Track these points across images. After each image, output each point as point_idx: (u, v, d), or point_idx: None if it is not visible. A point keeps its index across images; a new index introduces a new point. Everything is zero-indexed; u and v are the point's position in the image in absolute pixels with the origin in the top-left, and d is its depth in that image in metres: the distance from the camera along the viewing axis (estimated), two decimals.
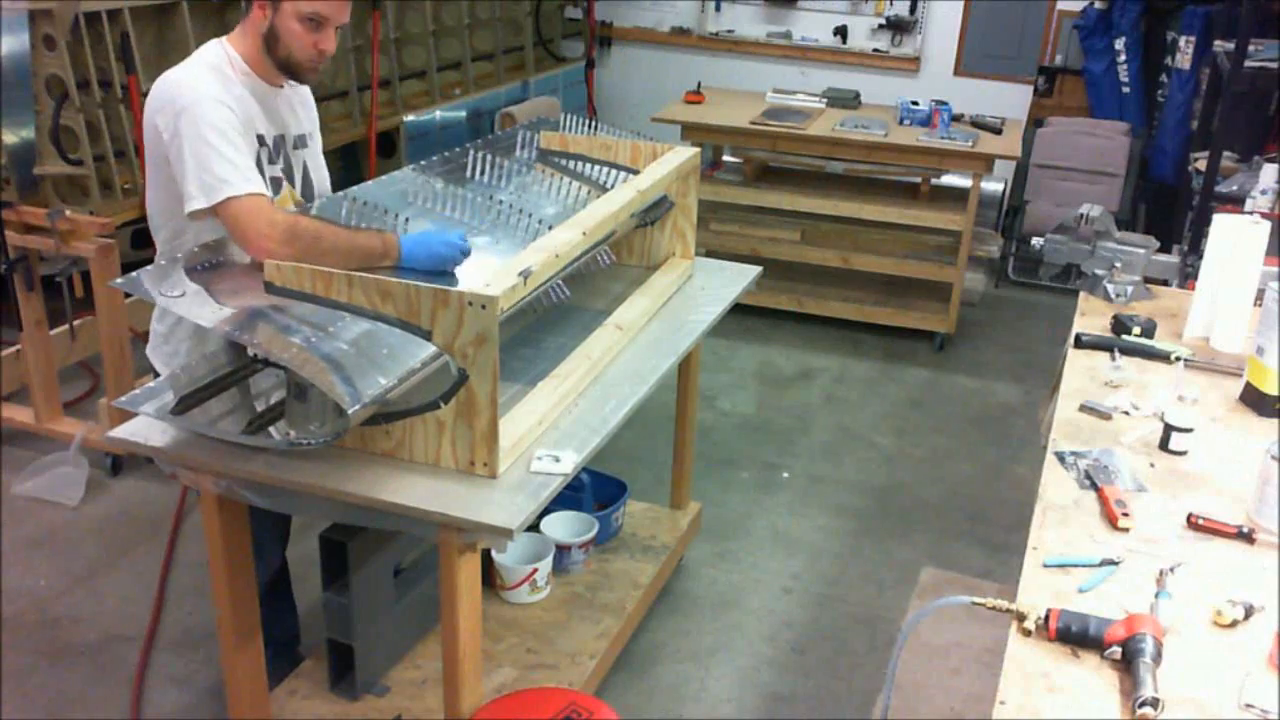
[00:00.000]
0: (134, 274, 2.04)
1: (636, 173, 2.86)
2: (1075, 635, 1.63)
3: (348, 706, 2.59)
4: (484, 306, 1.91)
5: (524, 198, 2.71)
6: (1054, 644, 1.65)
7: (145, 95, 3.64)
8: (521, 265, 2.11)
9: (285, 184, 2.42)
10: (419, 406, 2.02)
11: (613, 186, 2.87)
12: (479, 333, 1.92)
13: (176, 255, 2.20)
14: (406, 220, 2.40)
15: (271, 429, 2.09)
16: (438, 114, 5.45)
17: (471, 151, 2.77)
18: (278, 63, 2.31)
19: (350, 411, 1.88)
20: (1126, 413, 2.34)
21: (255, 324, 2.01)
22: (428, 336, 1.96)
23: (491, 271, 2.11)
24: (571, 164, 2.95)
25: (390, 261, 2.26)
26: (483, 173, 2.74)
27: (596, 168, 2.93)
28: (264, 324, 2.02)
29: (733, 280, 3.04)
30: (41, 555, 3.42)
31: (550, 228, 2.43)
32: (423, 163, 2.73)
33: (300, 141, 2.48)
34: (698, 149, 3.02)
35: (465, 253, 2.29)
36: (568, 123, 3.05)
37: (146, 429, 2.14)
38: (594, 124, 3.08)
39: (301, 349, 1.96)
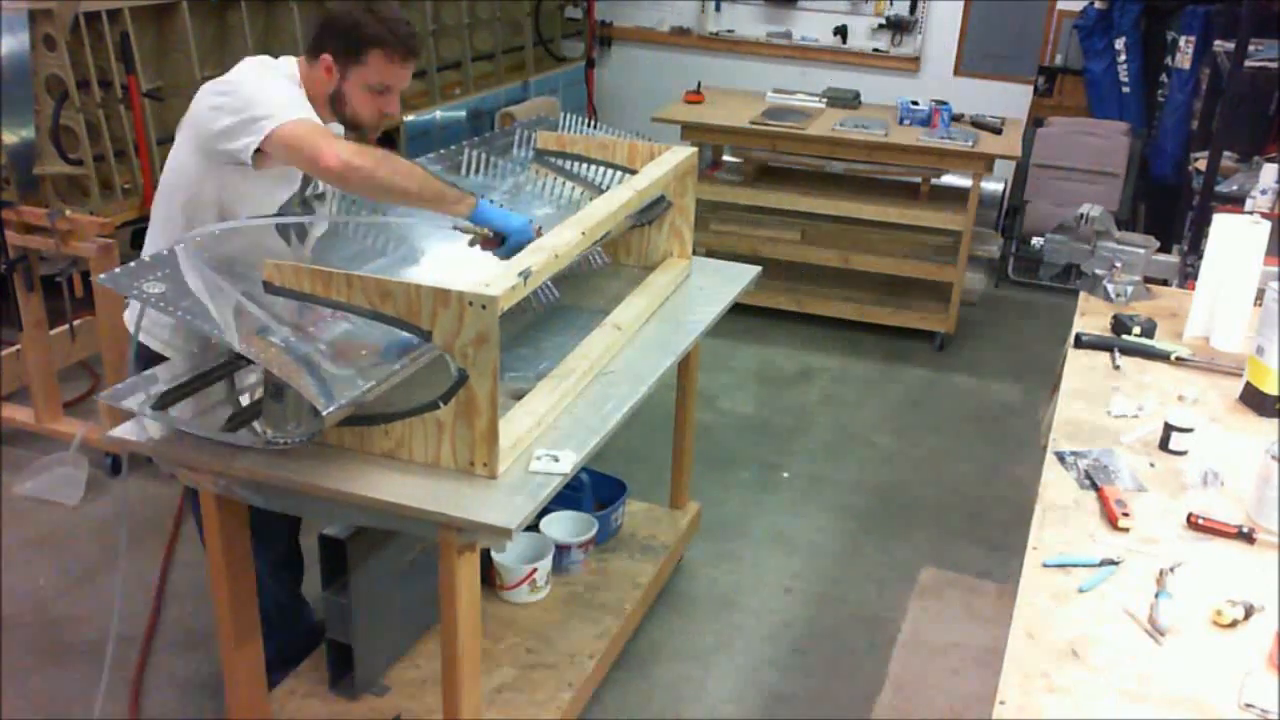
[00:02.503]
0: (115, 270, 2.03)
1: (634, 172, 2.86)
2: None
3: (347, 706, 2.59)
4: (484, 306, 1.91)
5: (517, 198, 2.71)
6: (1054, 643, 1.65)
7: (145, 95, 3.64)
8: (521, 265, 2.11)
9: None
10: (418, 407, 2.02)
11: (609, 187, 2.87)
12: (479, 333, 1.92)
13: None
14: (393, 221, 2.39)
15: (251, 426, 2.09)
16: (438, 114, 5.45)
17: (467, 150, 2.76)
18: (341, 119, 2.37)
19: (325, 414, 1.87)
20: (1123, 414, 2.34)
21: (236, 322, 2.01)
22: (428, 336, 1.96)
23: (491, 271, 2.11)
24: (567, 164, 2.95)
25: (465, 209, 2.26)
26: (477, 171, 2.73)
27: (592, 168, 2.93)
28: (244, 322, 2.02)
29: (732, 280, 3.04)
30: (41, 555, 3.42)
31: (539, 228, 2.43)
32: (419, 160, 2.71)
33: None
34: (695, 148, 3.01)
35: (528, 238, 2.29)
36: (566, 122, 3.05)
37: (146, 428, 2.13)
38: (593, 123, 3.08)
39: (279, 349, 1.96)
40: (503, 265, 2.16)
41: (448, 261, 2.39)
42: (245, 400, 2.23)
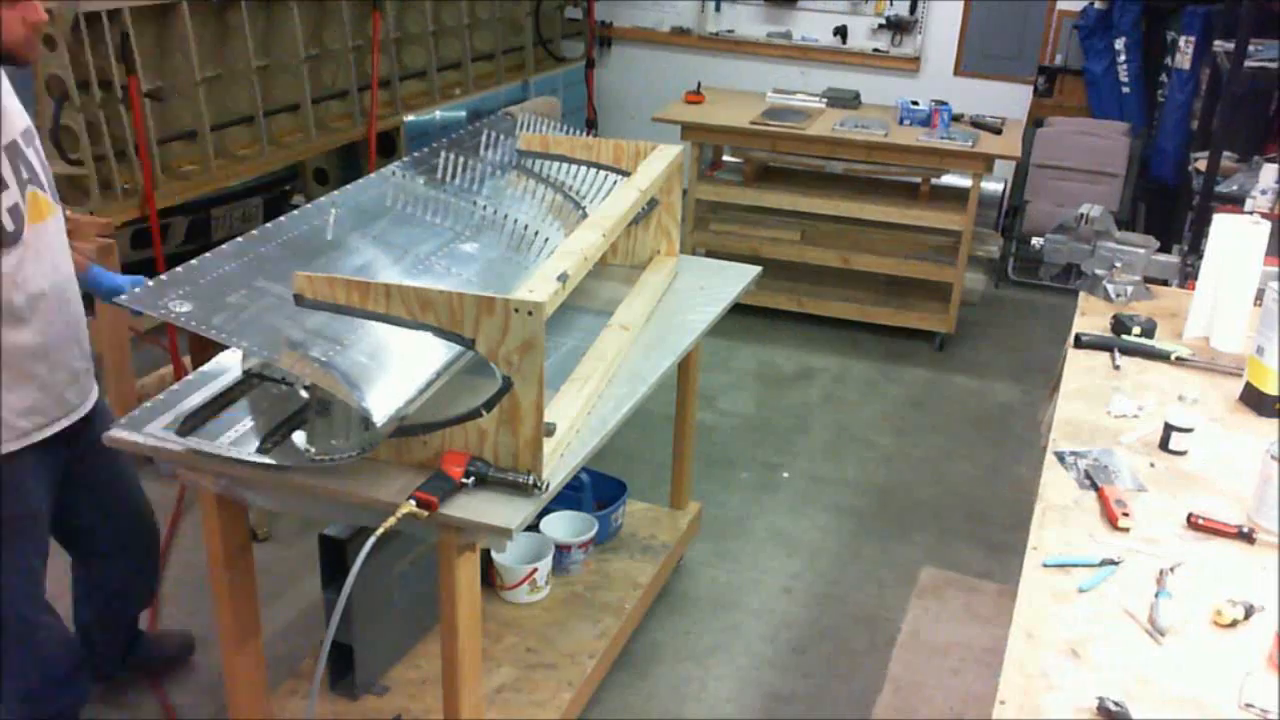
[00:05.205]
0: (138, 290, 2.02)
1: (622, 172, 2.86)
2: None
3: (347, 706, 2.59)
4: (530, 313, 1.89)
5: (500, 203, 2.69)
6: (1054, 643, 1.65)
7: (145, 95, 3.63)
8: (558, 269, 2.10)
9: (36, 190, 2.19)
10: (460, 415, 2.01)
11: (586, 191, 2.87)
12: (525, 339, 1.91)
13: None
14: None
15: (280, 449, 2.07)
16: (438, 114, 5.45)
17: (442, 153, 2.74)
18: None
19: (380, 425, 1.87)
20: (1123, 414, 2.34)
21: (276, 343, 2.00)
22: (470, 344, 1.95)
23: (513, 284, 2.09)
24: (537, 165, 2.93)
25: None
26: (453, 177, 2.70)
27: (570, 172, 2.92)
28: (283, 343, 2.00)
29: (732, 280, 3.04)
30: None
31: (536, 233, 2.43)
32: (395, 165, 2.70)
33: (30, 136, 2.22)
34: (681, 147, 3.01)
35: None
36: (530, 124, 3.02)
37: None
38: (557, 125, 3.04)
39: (325, 366, 1.94)
40: (538, 270, 2.14)
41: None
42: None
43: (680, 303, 2.87)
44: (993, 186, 5.77)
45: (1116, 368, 2.56)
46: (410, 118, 5.28)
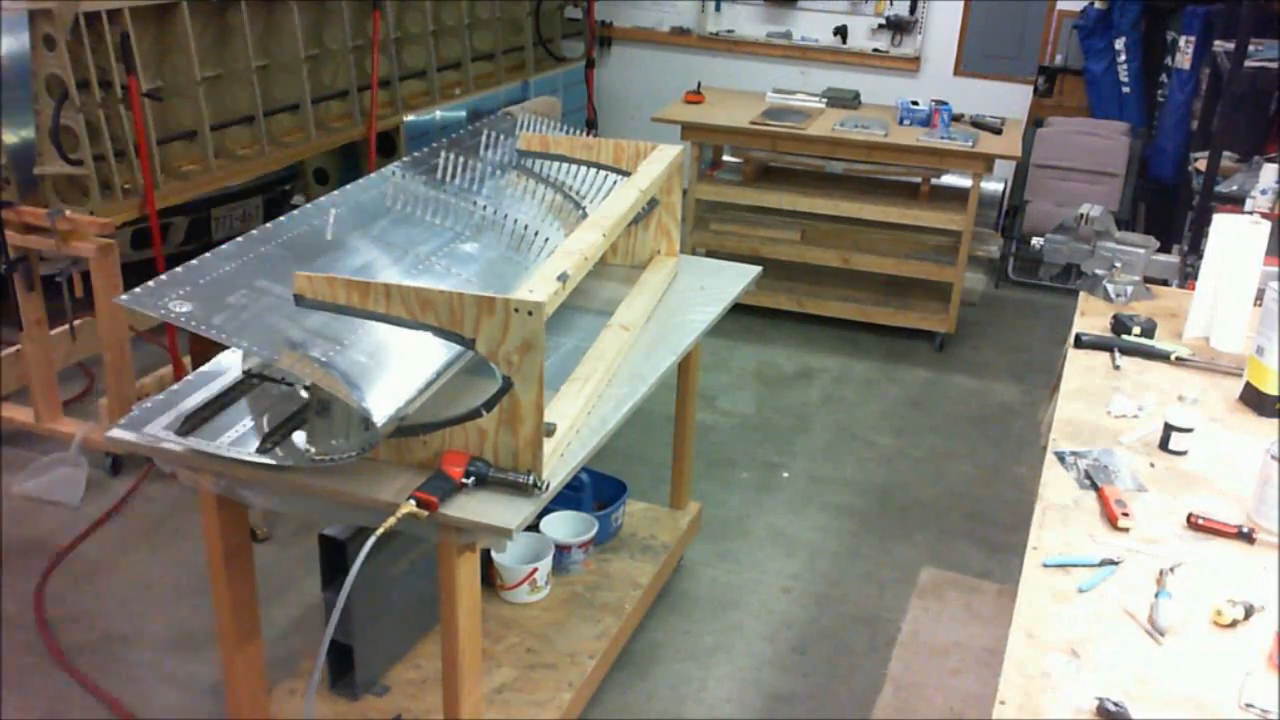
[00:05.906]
0: (138, 290, 2.03)
1: (622, 172, 2.85)
2: None
3: (347, 706, 2.59)
4: (530, 313, 1.89)
5: (500, 203, 2.69)
6: (1054, 643, 1.65)
7: (145, 95, 3.64)
8: (558, 269, 2.10)
9: None
10: (460, 415, 2.01)
11: (586, 191, 2.87)
12: (525, 339, 1.91)
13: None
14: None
15: (280, 449, 2.07)
16: (438, 114, 5.45)
17: (442, 153, 2.74)
18: None
19: (380, 425, 1.87)
20: (1123, 414, 2.34)
21: (276, 343, 1.99)
22: (471, 344, 1.95)
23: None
24: (537, 165, 2.93)
25: None
26: (453, 177, 2.70)
27: (570, 172, 2.91)
28: (283, 343, 2.00)
29: (732, 280, 3.04)
30: (41, 555, 3.42)
31: (536, 233, 2.42)
32: (395, 165, 2.70)
33: None
34: (681, 147, 3.00)
35: None
36: (530, 124, 3.02)
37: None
38: (557, 125, 3.04)
39: (325, 366, 1.94)
40: (538, 270, 2.14)
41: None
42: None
43: (680, 303, 2.87)
44: (993, 186, 5.77)
45: (1116, 368, 2.56)
46: (410, 118, 5.28)
